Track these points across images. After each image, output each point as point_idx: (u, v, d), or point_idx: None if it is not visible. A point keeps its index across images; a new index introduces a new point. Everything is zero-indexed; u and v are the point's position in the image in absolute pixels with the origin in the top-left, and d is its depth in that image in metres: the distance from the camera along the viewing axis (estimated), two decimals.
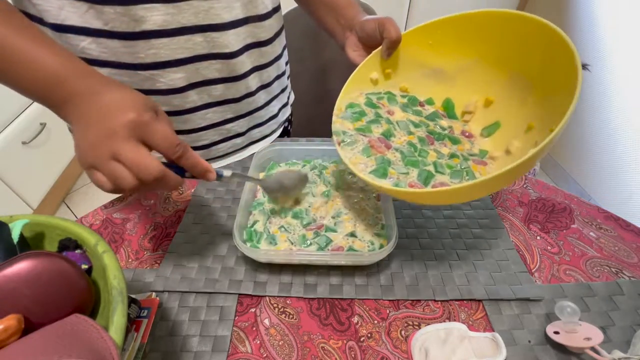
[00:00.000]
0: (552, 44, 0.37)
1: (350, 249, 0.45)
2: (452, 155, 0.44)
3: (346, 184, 0.53)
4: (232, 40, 0.49)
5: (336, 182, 0.54)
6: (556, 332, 0.36)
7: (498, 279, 0.43)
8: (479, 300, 0.41)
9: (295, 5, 0.87)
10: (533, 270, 0.44)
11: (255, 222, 0.48)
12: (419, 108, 0.51)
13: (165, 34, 0.44)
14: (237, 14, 0.48)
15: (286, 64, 0.66)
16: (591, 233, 0.48)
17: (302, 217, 0.49)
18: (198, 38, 0.46)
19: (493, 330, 0.38)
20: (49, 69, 0.32)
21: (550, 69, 0.39)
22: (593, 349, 0.34)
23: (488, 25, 0.44)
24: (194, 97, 0.52)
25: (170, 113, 0.52)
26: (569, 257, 0.45)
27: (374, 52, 0.49)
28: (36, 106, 1.39)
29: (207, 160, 0.58)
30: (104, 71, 0.46)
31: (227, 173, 0.40)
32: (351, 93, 0.49)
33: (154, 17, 0.43)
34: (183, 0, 0.43)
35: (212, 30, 0.47)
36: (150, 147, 0.32)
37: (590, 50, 1.40)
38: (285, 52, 0.64)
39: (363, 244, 0.45)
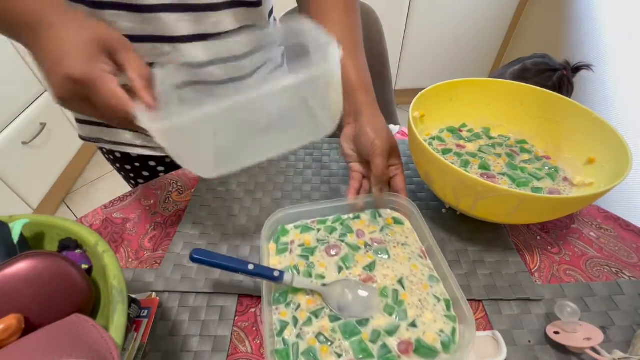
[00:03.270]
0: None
1: (420, 345, 0.34)
2: (531, 161, 0.51)
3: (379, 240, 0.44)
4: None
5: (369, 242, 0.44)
6: (556, 332, 0.36)
7: (498, 279, 0.43)
8: (479, 300, 0.41)
9: (294, 5, 0.87)
10: (533, 270, 0.44)
11: (284, 327, 0.36)
12: (466, 133, 0.57)
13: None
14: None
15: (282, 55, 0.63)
16: (591, 233, 0.48)
17: (345, 321, 0.36)
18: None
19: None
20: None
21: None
22: (593, 349, 0.34)
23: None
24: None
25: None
26: (569, 257, 0.45)
27: (420, 94, 0.50)
28: (36, 106, 1.39)
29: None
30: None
31: (287, 278, 0.37)
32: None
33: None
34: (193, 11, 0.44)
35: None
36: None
37: (591, 50, 1.40)
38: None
39: (434, 335, 0.35)
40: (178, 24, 0.45)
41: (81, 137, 0.60)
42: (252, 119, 0.35)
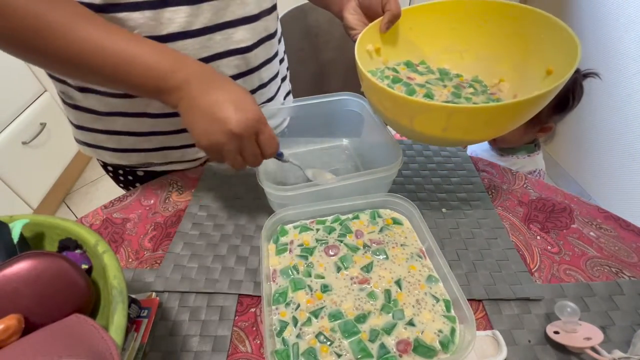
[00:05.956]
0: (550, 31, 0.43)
1: (419, 344, 0.34)
2: (482, 93, 0.49)
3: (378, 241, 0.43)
4: (247, 35, 0.50)
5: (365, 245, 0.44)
6: (556, 332, 0.36)
7: (498, 279, 0.43)
8: (479, 300, 0.41)
9: (294, 5, 0.87)
10: (533, 270, 0.44)
11: (283, 327, 0.36)
12: (422, 69, 0.54)
13: (188, 35, 0.46)
14: (251, 9, 0.50)
15: (284, 51, 0.67)
16: (591, 233, 0.48)
17: (345, 319, 0.36)
18: (217, 36, 0.48)
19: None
20: (152, 64, 0.37)
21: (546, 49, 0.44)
22: (593, 348, 0.34)
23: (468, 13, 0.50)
24: None
25: None
26: (569, 257, 0.45)
27: (371, 24, 0.49)
28: (36, 106, 1.39)
29: None
30: None
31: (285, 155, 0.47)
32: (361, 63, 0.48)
33: (179, 19, 0.44)
34: (204, 2, 0.45)
35: (229, 27, 0.48)
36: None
37: (593, 51, 1.40)
38: (282, 37, 0.65)
39: (432, 334, 0.35)
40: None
41: (77, 140, 0.60)
42: None
